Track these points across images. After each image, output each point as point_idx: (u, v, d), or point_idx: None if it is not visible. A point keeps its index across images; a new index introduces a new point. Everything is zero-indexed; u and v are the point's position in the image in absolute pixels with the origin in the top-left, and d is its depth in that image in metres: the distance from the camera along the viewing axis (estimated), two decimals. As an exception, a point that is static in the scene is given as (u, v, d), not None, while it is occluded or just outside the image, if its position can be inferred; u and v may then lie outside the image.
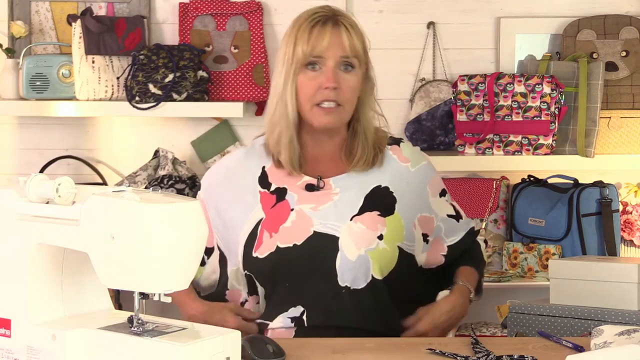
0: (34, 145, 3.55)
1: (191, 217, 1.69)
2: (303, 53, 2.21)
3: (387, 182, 2.28)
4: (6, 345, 1.77)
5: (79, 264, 1.79)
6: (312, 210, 2.22)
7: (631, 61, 3.41)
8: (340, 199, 2.24)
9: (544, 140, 3.28)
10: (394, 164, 2.31)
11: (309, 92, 2.22)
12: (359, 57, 2.24)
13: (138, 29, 3.41)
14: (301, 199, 2.24)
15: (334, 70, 2.21)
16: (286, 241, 2.20)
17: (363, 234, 2.20)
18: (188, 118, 3.50)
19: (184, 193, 3.31)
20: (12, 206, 1.77)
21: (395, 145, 2.35)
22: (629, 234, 3.46)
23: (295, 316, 2.18)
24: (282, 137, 2.24)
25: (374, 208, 2.24)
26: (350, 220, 2.21)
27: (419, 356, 1.93)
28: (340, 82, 2.21)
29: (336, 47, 2.21)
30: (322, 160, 2.29)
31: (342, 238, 2.19)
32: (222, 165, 2.36)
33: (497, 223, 3.44)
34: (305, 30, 2.22)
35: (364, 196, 2.25)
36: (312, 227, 2.20)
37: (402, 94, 3.53)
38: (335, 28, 2.22)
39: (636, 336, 1.89)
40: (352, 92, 2.24)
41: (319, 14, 2.24)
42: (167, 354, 1.64)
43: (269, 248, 2.20)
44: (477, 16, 3.53)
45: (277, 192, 2.26)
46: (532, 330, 2.30)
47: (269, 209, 2.24)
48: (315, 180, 2.26)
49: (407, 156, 2.34)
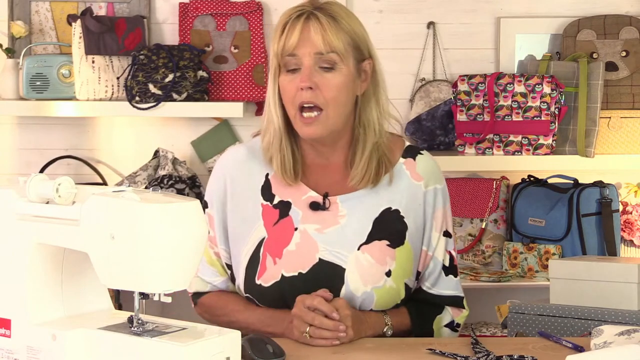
0: (34, 145, 3.55)
1: (191, 217, 1.68)
2: (274, 52, 2.07)
3: (398, 203, 2.13)
4: (6, 345, 1.77)
5: (79, 264, 1.79)
6: (317, 233, 2.09)
7: (631, 61, 3.41)
8: (347, 223, 2.10)
9: (544, 140, 3.28)
10: (405, 181, 2.15)
11: (289, 94, 2.07)
12: (340, 53, 2.05)
13: (138, 29, 3.41)
14: (305, 218, 2.11)
15: (310, 69, 2.03)
16: (291, 269, 2.08)
17: (371, 268, 2.08)
18: (188, 118, 3.50)
19: (184, 193, 3.31)
20: (12, 206, 1.77)
21: (410, 158, 2.19)
22: (629, 234, 3.46)
23: None
24: (273, 143, 2.12)
25: (383, 236, 2.10)
26: (358, 249, 2.09)
27: (419, 356, 1.93)
28: (319, 81, 2.04)
29: (306, 43, 2.04)
30: (328, 171, 2.15)
31: (348, 270, 2.07)
32: (222, 171, 2.20)
33: (497, 223, 3.44)
34: (279, 28, 2.07)
35: (373, 221, 2.11)
36: (317, 254, 2.08)
37: (402, 94, 3.53)
38: (306, 23, 2.04)
39: (636, 336, 1.89)
40: (334, 92, 2.05)
41: (298, 9, 2.08)
42: (167, 354, 1.64)
43: (274, 277, 2.09)
44: (477, 16, 3.53)
45: (281, 206, 2.13)
46: (532, 330, 2.30)
47: (272, 227, 2.12)
48: (320, 198, 2.12)
49: (421, 173, 2.17)
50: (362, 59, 2.11)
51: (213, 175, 2.22)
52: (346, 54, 2.06)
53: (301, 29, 2.04)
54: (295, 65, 2.06)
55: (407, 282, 2.15)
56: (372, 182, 2.12)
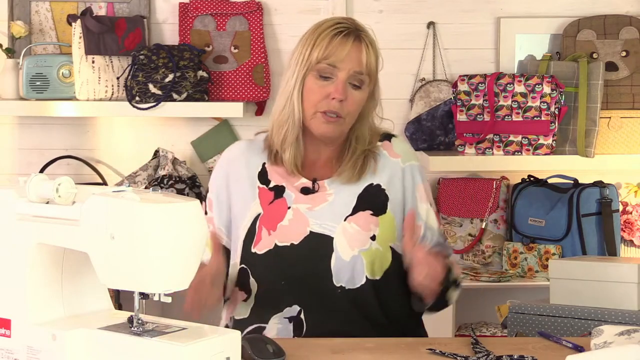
0: (34, 145, 3.55)
1: (191, 217, 1.69)
2: (317, 58, 2.23)
3: (379, 179, 2.30)
4: (6, 345, 1.77)
5: (79, 264, 1.79)
6: (308, 210, 2.25)
7: (631, 61, 3.41)
8: (334, 200, 2.27)
9: (544, 140, 3.29)
10: (385, 161, 2.33)
11: (315, 98, 2.24)
12: (371, 75, 2.27)
13: (138, 29, 3.41)
14: (297, 199, 2.27)
15: (344, 83, 2.23)
16: (284, 240, 2.23)
17: (356, 234, 2.23)
18: (188, 118, 3.50)
19: (184, 193, 3.31)
20: (12, 206, 1.77)
21: (386, 140, 2.37)
22: (629, 234, 3.46)
23: (292, 316, 2.20)
24: (288, 136, 2.27)
25: (367, 207, 2.27)
26: (345, 220, 2.25)
27: (419, 356, 1.93)
28: (348, 95, 2.23)
29: (353, 60, 2.23)
30: (318, 165, 2.32)
31: (336, 238, 2.22)
32: (224, 160, 2.38)
33: (497, 223, 3.44)
34: (326, 37, 2.23)
35: (357, 195, 2.27)
36: (309, 227, 2.24)
37: (402, 94, 3.53)
38: (356, 42, 2.24)
39: (636, 336, 1.89)
40: (356, 107, 2.26)
41: (342, 25, 2.26)
42: (167, 354, 1.64)
43: (268, 245, 2.23)
44: (477, 16, 3.53)
45: (276, 189, 2.29)
46: (532, 330, 2.30)
47: (267, 205, 2.27)
48: (310, 183, 2.29)
49: (398, 152, 2.35)
50: (376, 82, 2.32)
51: (217, 165, 2.39)
52: (374, 76, 2.29)
53: (351, 46, 2.23)
54: (330, 75, 2.24)
55: (393, 247, 2.27)
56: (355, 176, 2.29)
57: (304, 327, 2.20)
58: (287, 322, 2.20)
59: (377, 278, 2.24)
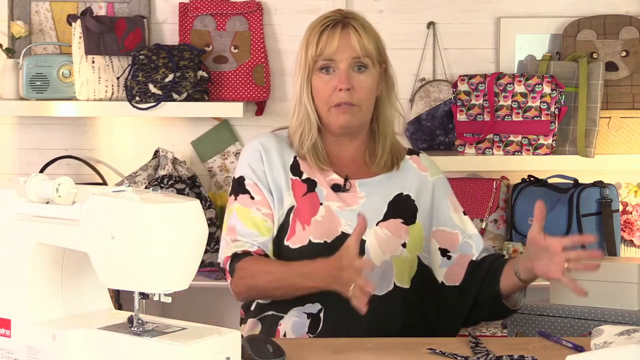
0: (34, 145, 3.55)
1: (191, 217, 1.69)
2: (312, 57, 2.27)
3: (408, 189, 2.34)
4: (6, 345, 1.77)
5: (79, 264, 1.79)
6: (339, 210, 2.27)
7: (631, 61, 3.41)
8: (365, 203, 2.28)
9: (544, 140, 3.28)
10: (413, 173, 2.37)
11: (324, 94, 2.27)
12: (372, 57, 2.28)
13: (138, 29, 3.41)
14: (329, 196, 2.28)
15: (347, 72, 2.25)
16: (317, 237, 2.23)
17: (389, 240, 2.26)
18: (188, 118, 3.50)
19: (184, 193, 3.31)
20: (12, 206, 1.77)
21: (414, 155, 2.42)
22: (629, 234, 3.46)
23: (311, 312, 2.20)
24: (305, 141, 2.30)
25: (397, 215, 2.30)
26: (377, 225, 2.26)
27: (419, 356, 1.93)
28: (354, 82, 2.26)
29: (346, 49, 2.26)
30: (347, 161, 2.34)
31: (368, 242, 2.23)
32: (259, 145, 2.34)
33: (497, 223, 3.44)
34: (316, 34, 2.28)
35: (388, 203, 2.30)
36: (340, 228, 2.24)
37: (402, 94, 3.49)
38: (344, 30, 2.27)
39: (636, 336, 1.89)
40: (366, 92, 2.28)
41: (329, 18, 2.30)
42: (167, 354, 1.64)
43: (301, 240, 2.24)
44: (477, 16, 3.53)
45: (308, 182, 2.30)
46: (532, 330, 2.30)
47: (300, 197, 2.28)
48: (342, 180, 2.30)
49: (426, 165, 2.40)
50: (384, 62, 2.35)
51: (248, 152, 2.34)
52: (377, 57, 2.30)
53: (340, 36, 2.27)
54: (331, 68, 2.27)
55: (420, 257, 2.31)
56: (389, 169, 2.34)
57: (319, 326, 2.19)
58: (305, 317, 2.20)
59: (405, 287, 2.24)
